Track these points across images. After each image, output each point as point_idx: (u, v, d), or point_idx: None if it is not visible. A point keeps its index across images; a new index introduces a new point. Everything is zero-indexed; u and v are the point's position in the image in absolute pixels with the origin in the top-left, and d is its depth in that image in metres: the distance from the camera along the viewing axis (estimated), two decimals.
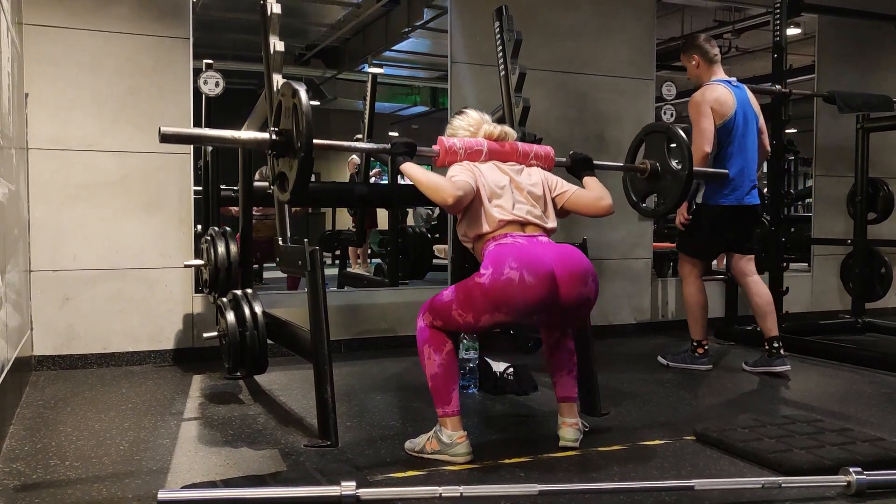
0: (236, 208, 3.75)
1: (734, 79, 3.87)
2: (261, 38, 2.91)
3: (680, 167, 2.99)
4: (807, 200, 7.79)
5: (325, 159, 12.45)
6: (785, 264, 4.59)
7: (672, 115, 5.00)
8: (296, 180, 2.35)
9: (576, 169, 2.78)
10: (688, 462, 2.43)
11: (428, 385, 2.44)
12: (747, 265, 3.91)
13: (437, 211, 9.71)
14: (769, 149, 4.04)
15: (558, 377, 2.59)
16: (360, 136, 6.05)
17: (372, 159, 6.21)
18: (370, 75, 6.22)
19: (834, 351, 4.19)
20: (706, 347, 3.94)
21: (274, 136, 2.42)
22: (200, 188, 4.16)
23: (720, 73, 3.85)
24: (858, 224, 5.05)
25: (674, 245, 5.10)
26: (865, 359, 4.00)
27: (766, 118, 4.01)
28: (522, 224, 2.45)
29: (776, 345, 3.79)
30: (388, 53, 9.41)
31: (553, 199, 2.57)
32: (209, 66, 4.17)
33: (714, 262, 6.09)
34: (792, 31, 6.45)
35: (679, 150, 2.99)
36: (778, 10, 4.40)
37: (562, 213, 2.61)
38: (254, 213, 4.41)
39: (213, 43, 7.80)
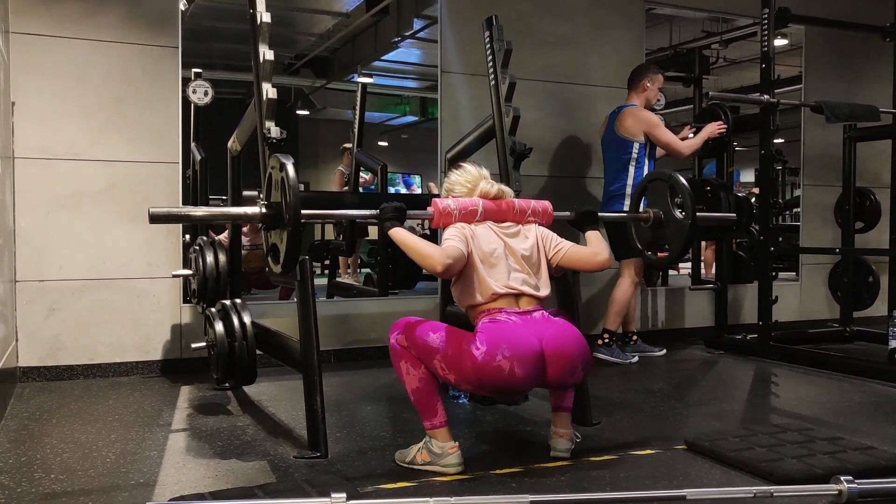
0: (223, 237, 3.65)
1: (622, 105, 4.43)
2: (250, 48, 2.90)
3: (683, 216, 2.96)
4: (795, 210, 7.84)
5: (314, 168, 12.43)
6: (774, 273, 4.60)
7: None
8: (286, 251, 2.37)
9: (580, 224, 2.76)
10: (679, 471, 2.42)
11: (411, 399, 2.42)
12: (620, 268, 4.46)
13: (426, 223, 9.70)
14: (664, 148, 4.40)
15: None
16: (349, 144, 6.05)
17: (362, 168, 6.19)
18: (360, 85, 6.23)
19: (823, 360, 4.20)
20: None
21: (264, 210, 2.44)
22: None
23: (630, 99, 4.47)
24: (846, 233, 5.08)
25: (664, 255, 5.11)
26: (854, 367, 4.01)
27: (754, 127, 4.29)
28: (516, 296, 2.42)
29: (605, 336, 4.40)
30: (377, 63, 9.40)
31: (548, 259, 2.55)
32: (198, 76, 4.16)
33: (703, 272, 6.13)
34: (779, 42, 6.49)
35: (682, 198, 2.95)
36: (765, 22, 4.43)
37: (557, 270, 2.60)
38: (243, 242, 4.40)
39: (202, 52, 7.78)
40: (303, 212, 2.34)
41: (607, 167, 4.49)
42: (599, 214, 2.85)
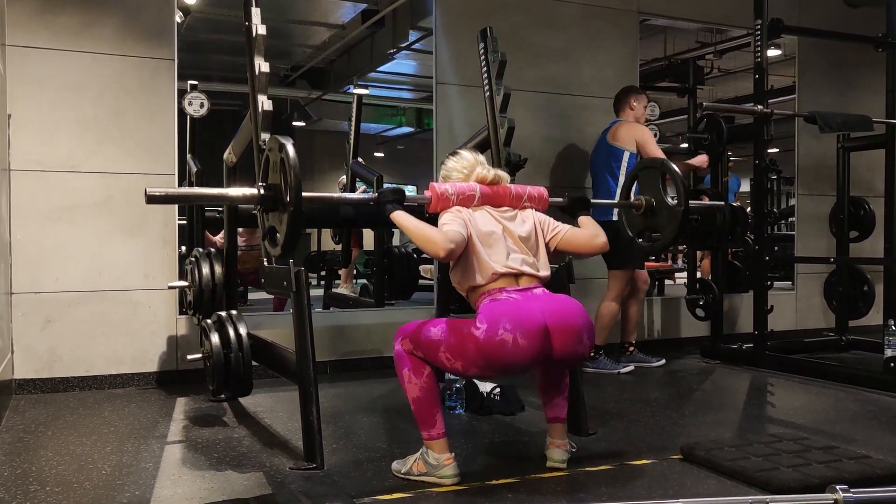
0: (219, 238, 3.68)
1: (616, 120, 4.51)
2: (246, 60, 2.91)
3: (675, 202, 2.96)
4: (790, 219, 7.86)
5: (310, 179, 12.46)
6: (769, 283, 4.61)
7: (656, 134, 5.04)
8: (286, 234, 2.36)
9: (573, 209, 2.78)
10: (675, 481, 2.42)
11: (411, 408, 2.42)
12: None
13: None
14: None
15: (549, 398, 2.58)
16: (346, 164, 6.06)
17: (358, 179, 6.20)
18: (355, 96, 6.24)
19: (819, 369, 4.21)
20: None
21: (262, 192, 2.43)
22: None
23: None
24: (841, 242, 5.09)
25: (660, 264, 5.14)
26: (850, 376, 4.02)
27: (748, 138, 4.40)
28: (516, 276, 2.42)
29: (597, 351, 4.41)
30: (373, 74, 9.45)
31: (546, 242, 2.56)
32: (194, 88, 4.17)
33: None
34: (772, 53, 6.55)
35: (675, 185, 2.95)
36: (759, 32, 4.47)
37: (555, 253, 2.60)
38: (239, 243, 4.42)
39: (198, 64, 7.81)
40: (304, 194, 2.31)
41: (596, 178, 4.51)
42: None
